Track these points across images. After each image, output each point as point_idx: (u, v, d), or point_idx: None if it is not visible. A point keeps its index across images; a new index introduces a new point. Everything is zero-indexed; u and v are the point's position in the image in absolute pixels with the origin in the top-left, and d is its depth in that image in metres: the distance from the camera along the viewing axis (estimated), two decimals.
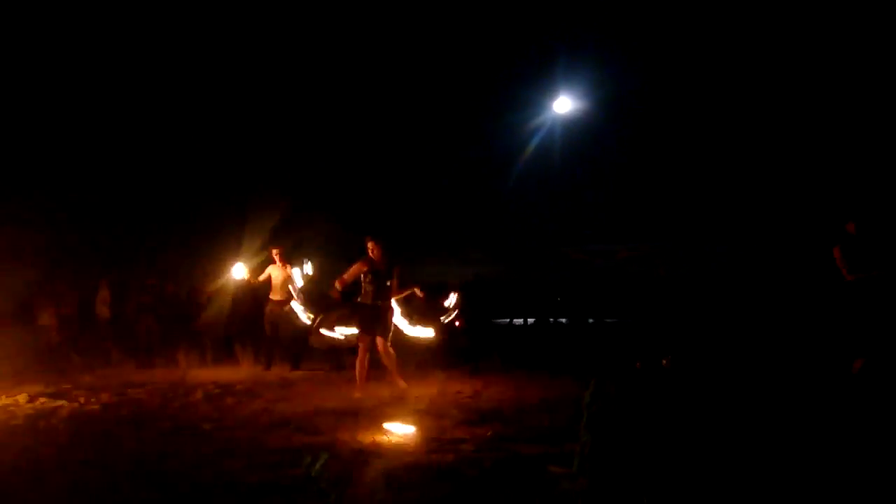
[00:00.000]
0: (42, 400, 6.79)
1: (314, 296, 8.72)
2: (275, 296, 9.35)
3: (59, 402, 6.65)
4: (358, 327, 7.38)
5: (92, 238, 14.57)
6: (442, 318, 9.27)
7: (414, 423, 5.15)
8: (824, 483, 3.88)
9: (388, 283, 7.31)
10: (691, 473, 4.08)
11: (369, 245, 7.92)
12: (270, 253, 9.51)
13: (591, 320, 19.69)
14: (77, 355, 10.64)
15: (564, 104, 15.64)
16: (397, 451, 4.60)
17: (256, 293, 10.05)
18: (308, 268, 8.53)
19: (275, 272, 9.36)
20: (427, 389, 7.48)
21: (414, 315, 7.79)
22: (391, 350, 7.32)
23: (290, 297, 9.08)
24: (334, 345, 8.61)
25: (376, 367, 7.53)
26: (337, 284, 7.22)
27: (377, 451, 4.57)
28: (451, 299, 8.73)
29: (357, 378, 7.20)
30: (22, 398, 6.87)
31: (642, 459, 4.39)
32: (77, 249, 14.02)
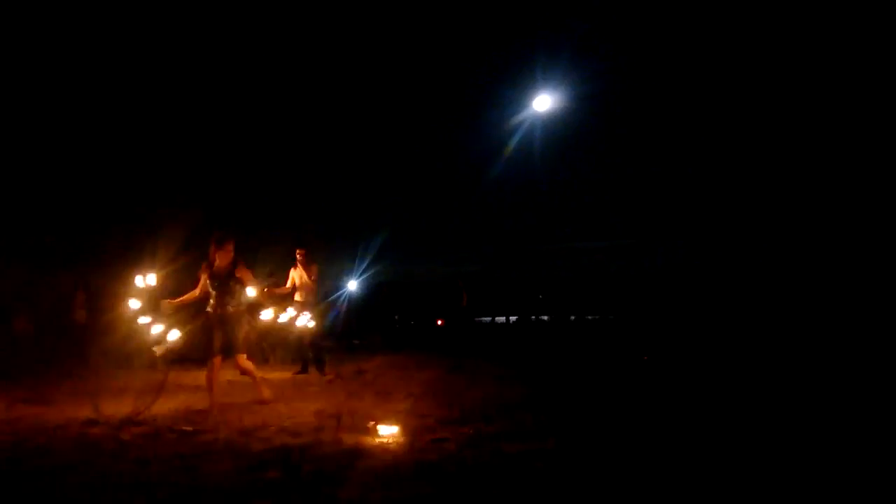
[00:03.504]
0: (20, 406, 6.70)
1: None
2: (299, 297, 9.27)
3: (38, 408, 6.57)
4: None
5: (68, 242, 14.40)
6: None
7: (397, 423, 5.15)
8: (805, 476, 3.94)
9: (234, 288, 6.43)
10: (674, 466, 4.13)
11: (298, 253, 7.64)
12: (294, 254, 9.38)
13: (572, 317, 19.81)
14: (54, 360, 10.50)
15: (544, 102, 15.67)
16: (380, 450, 4.60)
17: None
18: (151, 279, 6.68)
19: (297, 275, 9.30)
20: (409, 387, 7.49)
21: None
22: (248, 363, 6.62)
23: (313, 299, 9.23)
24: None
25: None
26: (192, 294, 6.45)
27: (360, 452, 4.56)
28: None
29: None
30: (0, 404, 6.78)
31: (625, 454, 4.43)
32: (53, 254, 13.86)
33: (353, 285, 15.54)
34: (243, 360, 6.58)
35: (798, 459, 4.24)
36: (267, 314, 6.76)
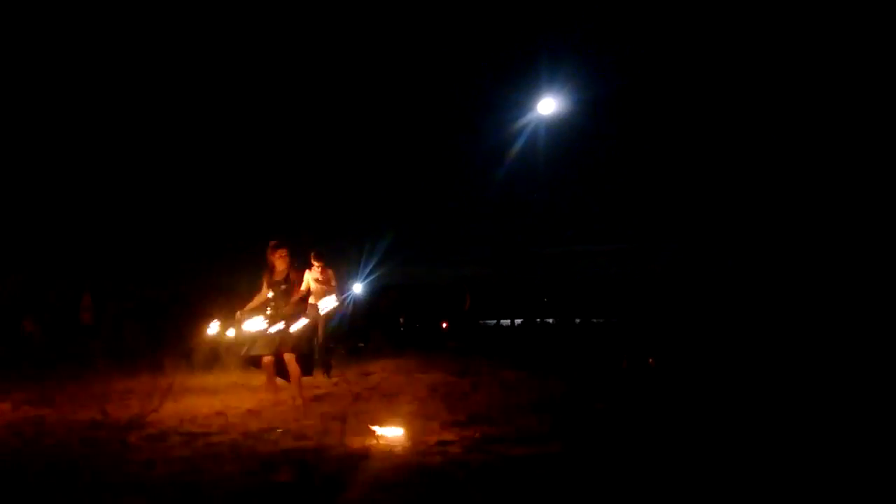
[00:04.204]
0: (26, 408, 6.73)
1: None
2: (314, 300, 9.24)
3: (44, 410, 6.59)
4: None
5: (74, 245, 14.46)
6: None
7: (402, 426, 5.16)
8: (810, 480, 3.93)
9: (289, 290, 6.93)
10: (679, 470, 4.12)
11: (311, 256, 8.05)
12: (309, 257, 9.36)
13: (577, 320, 19.79)
14: (61, 362, 10.54)
15: (548, 105, 15.64)
16: (385, 453, 4.61)
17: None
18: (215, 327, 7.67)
19: (311, 277, 9.26)
20: (414, 391, 7.50)
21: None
22: (294, 363, 6.93)
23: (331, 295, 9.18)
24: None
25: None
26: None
27: (365, 455, 4.57)
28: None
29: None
30: (6, 406, 6.80)
31: (631, 458, 4.42)
32: (60, 257, 13.92)
33: (358, 288, 15.57)
34: (292, 359, 6.78)
35: (799, 460, 4.23)
36: (329, 302, 7.18)
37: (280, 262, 6.92)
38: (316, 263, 9.24)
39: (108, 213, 15.22)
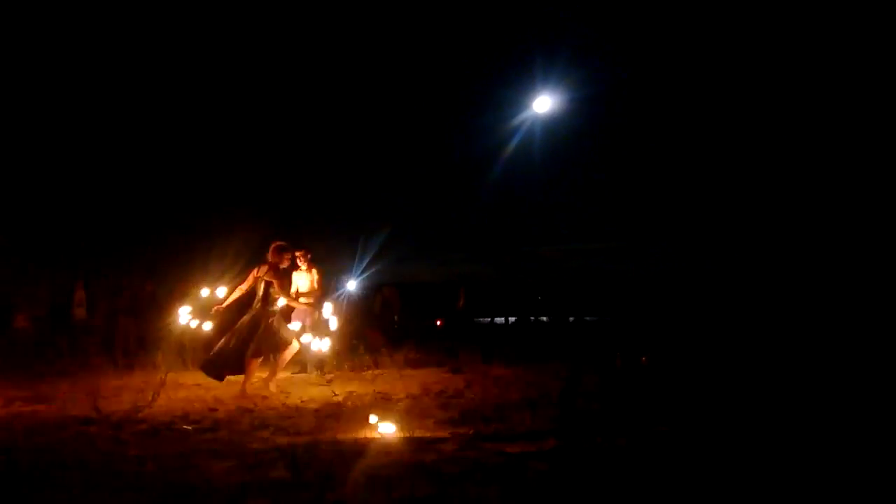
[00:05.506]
0: (18, 404, 6.70)
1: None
2: (303, 299, 9.15)
3: (36, 406, 6.57)
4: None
5: (67, 240, 14.39)
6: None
7: (396, 423, 5.16)
8: (804, 479, 3.94)
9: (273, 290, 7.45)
10: (673, 466, 4.13)
11: (297, 254, 8.34)
12: (295, 255, 9.29)
13: (571, 318, 19.80)
14: (54, 358, 10.48)
15: (544, 103, 15.62)
16: (379, 450, 4.60)
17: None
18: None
19: (299, 277, 9.19)
20: (409, 388, 7.49)
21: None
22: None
23: (318, 300, 9.09)
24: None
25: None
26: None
27: (359, 452, 4.56)
28: None
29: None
30: None
31: (624, 454, 4.43)
32: (52, 251, 13.85)
33: (352, 285, 15.54)
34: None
35: (793, 459, 4.25)
36: (295, 326, 7.63)
37: (285, 261, 7.32)
38: (304, 265, 9.17)
39: (102, 207, 15.13)
